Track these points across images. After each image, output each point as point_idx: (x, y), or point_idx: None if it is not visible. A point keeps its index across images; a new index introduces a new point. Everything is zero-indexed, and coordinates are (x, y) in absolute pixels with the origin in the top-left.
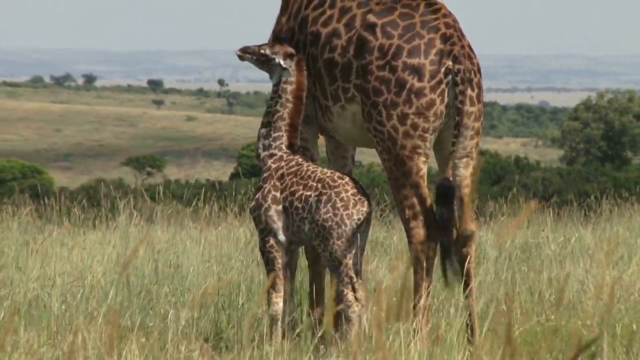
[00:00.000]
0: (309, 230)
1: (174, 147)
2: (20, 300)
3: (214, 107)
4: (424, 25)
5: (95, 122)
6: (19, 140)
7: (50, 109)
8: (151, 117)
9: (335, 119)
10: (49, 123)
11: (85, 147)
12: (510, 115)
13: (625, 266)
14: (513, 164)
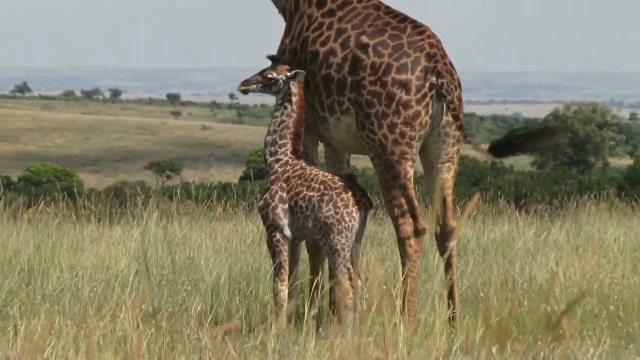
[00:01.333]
0: (312, 227)
1: (190, 153)
2: (54, 289)
3: (226, 117)
4: (410, 45)
5: (121, 131)
6: (53, 147)
7: (80, 120)
8: (170, 126)
9: (331, 129)
10: (80, 132)
11: (111, 153)
12: (487, 125)
13: (589, 258)
14: (489, 168)
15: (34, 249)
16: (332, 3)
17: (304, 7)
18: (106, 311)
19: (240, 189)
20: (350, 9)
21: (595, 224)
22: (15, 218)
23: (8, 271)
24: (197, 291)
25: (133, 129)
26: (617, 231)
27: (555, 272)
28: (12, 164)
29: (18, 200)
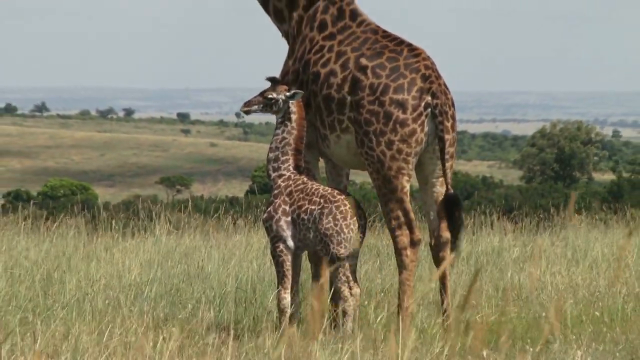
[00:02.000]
0: (313, 238)
1: (199, 168)
2: (71, 296)
3: (232, 135)
4: (407, 67)
5: (134, 148)
6: (70, 163)
7: (96, 137)
8: (180, 143)
9: (332, 145)
10: (95, 149)
11: (125, 169)
12: (478, 142)
13: (574, 267)
14: (481, 182)
15: (52, 259)
16: (332, 27)
17: (306, 30)
18: (119, 317)
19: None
20: (350, 32)
21: (582, 235)
22: (35, 230)
23: (28, 280)
24: (206, 299)
25: (145, 146)
26: (601, 241)
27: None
28: (32, 179)
29: (37, 213)
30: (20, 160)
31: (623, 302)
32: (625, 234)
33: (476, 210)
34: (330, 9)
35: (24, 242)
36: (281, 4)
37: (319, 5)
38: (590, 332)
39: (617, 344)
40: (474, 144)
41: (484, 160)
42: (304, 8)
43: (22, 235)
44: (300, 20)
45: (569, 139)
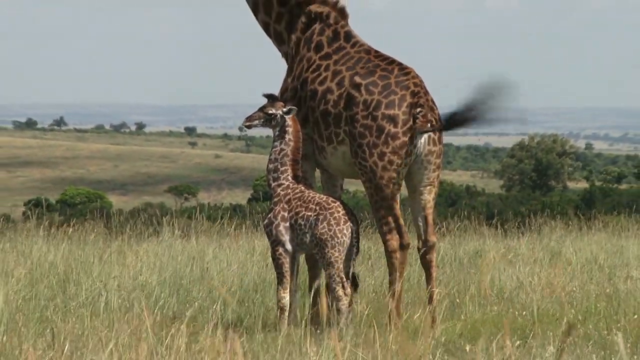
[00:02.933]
0: (309, 242)
1: (205, 178)
2: (87, 296)
3: (236, 147)
4: (397, 84)
5: (145, 159)
6: (86, 173)
7: (110, 150)
8: (187, 155)
9: (329, 156)
10: (109, 160)
11: (136, 178)
12: (462, 154)
13: (550, 268)
14: (464, 191)
15: (69, 262)
16: (328, 47)
17: (304, 51)
18: (132, 315)
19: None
20: (345, 53)
21: (558, 239)
22: (53, 234)
23: (47, 280)
24: (211, 298)
25: (155, 157)
26: (575, 245)
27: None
28: (51, 188)
29: (55, 219)
30: (41, 171)
31: (595, 301)
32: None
33: (460, 216)
34: (326, 31)
35: (44, 246)
36: (281, 27)
37: (315, 28)
38: (566, 329)
39: (589, 339)
40: (458, 155)
41: (468, 171)
42: (302, 30)
43: (42, 240)
44: (298, 41)
45: (546, 151)
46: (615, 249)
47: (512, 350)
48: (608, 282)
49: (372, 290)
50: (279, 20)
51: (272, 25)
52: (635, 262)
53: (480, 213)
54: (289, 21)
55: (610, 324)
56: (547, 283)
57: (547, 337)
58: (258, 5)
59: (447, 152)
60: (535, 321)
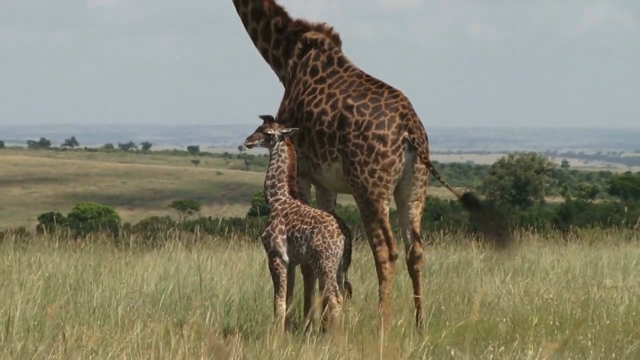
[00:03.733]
0: (305, 253)
1: (207, 193)
2: (96, 304)
3: (236, 165)
4: (387, 106)
5: (151, 176)
6: (96, 189)
7: (118, 167)
8: (191, 172)
9: (323, 173)
10: (118, 177)
11: (143, 194)
12: (446, 171)
13: (530, 278)
14: (449, 205)
15: (80, 272)
16: (323, 72)
17: (300, 75)
18: (139, 322)
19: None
20: (338, 77)
21: (535, 251)
22: (65, 246)
23: (59, 290)
24: (213, 306)
25: (161, 174)
26: (552, 256)
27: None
28: (63, 203)
29: (68, 232)
30: (53, 187)
31: (571, 308)
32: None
33: (445, 229)
34: (321, 57)
35: (57, 257)
36: (278, 53)
37: (311, 54)
38: (544, 334)
39: (567, 344)
40: (442, 172)
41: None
42: (298, 56)
43: (55, 252)
44: (295, 66)
45: (524, 168)
46: (589, 260)
47: (494, 354)
48: (583, 291)
49: (364, 297)
50: (277, 46)
51: (270, 51)
52: (609, 271)
53: (464, 226)
54: (286, 47)
55: (585, 330)
56: (526, 291)
57: (526, 342)
58: (257, 33)
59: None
60: (515, 327)
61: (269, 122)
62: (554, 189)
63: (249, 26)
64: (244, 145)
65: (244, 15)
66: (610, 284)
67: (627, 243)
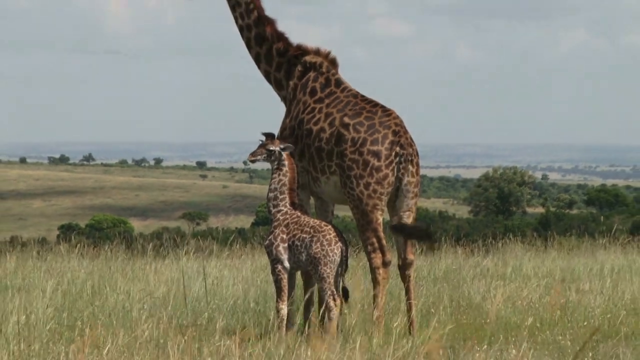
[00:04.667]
0: (305, 260)
1: (214, 205)
2: (112, 307)
3: (241, 179)
4: (381, 124)
5: (162, 189)
6: (111, 201)
7: (132, 181)
8: (199, 186)
9: (322, 185)
10: (131, 190)
11: (155, 206)
12: (435, 184)
13: (513, 283)
14: (437, 216)
15: (97, 278)
16: (321, 92)
17: (300, 95)
18: (151, 323)
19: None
20: (335, 97)
21: (519, 257)
22: (83, 255)
23: (77, 294)
24: (220, 309)
25: (171, 187)
26: (533, 262)
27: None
28: (81, 214)
29: (85, 241)
30: (72, 200)
31: (551, 310)
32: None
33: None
34: (319, 79)
35: (75, 264)
36: (280, 75)
37: (310, 76)
38: (526, 335)
39: (547, 345)
40: (432, 185)
41: (440, 198)
42: (298, 78)
43: (73, 259)
44: (295, 87)
45: (507, 181)
46: (567, 266)
47: (480, 353)
48: (562, 294)
49: (359, 301)
50: (279, 69)
51: (272, 74)
52: (585, 277)
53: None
54: (287, 70)
55: (564, 331)
56: (509, 295)
57: (509, 342)
58: (260, 57)
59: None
60: (499, 328)
61: (271, 139)
62: (534, 200)
63: (252, 50)
64: (247, 160)
65: (247, 40)
66: (587, 288)
67: (602, 250)
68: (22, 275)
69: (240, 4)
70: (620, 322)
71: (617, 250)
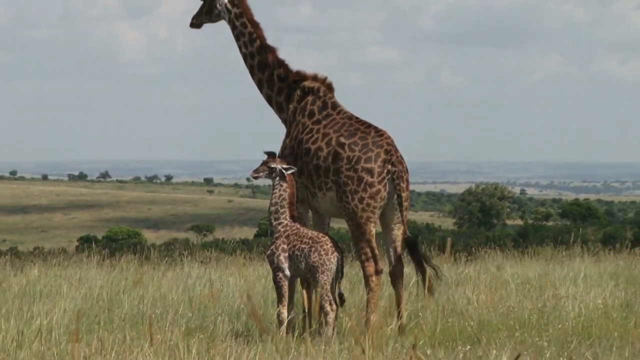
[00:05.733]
0: (304, 268)
1: (220, 218)
2: (127, 311)
3: (244, 194)
4: (374, 144)
5: (172, 203)
6: (126, 215)
7: (144, 196)
8: (206, 200)
9: (319, 200)
10: (144, 204)
11: (166, 219)
12: (423, 198)
13: (494, 289)
14: (424, 228)
15: (113, 285)
16: (319, 115)
17: (299, 117)
18: (163, 326)
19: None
20: (332, 119)
21: (499, 265)
22: (100, 263)
23: (94, 300)
24: (226, 313)
25: (181, 202)
26: (512, 270)
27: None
28: (98, 226)
29: (102, 252)
30: (90, 213)
31: (529, 314)
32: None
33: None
34: (317, 102)
35: (93, 273)
36: (281, 99)
37: (308, 99)
38: (506, 337)
39: (526, 345)
40: (419, 199)
41: (427, 211)
42: (298, 101)
43: (91, 268)
44: (295, 110)
45: (489, 196)
46: (544, 273)
47: (464, 353)
48: (539, 299)
49: (353, 306)
50: (280, 93)
51: (274, 98)
52: (561, 283)
53: (438, 245)
54: (287, 94)
55: (541, 333)
56: (490, 300)
57: (490, 343)
58: (262, 82)
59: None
60: (481, 330)
61: (272, 158)
62: (513, 214)
63: (255, 76)
64: (250, 177)
65: (251, 67)
66: (562, 294)
67: (576, 259)
68: (44, 282)
69: (244, 34)
70: (592, 324)
71: (589, 259)
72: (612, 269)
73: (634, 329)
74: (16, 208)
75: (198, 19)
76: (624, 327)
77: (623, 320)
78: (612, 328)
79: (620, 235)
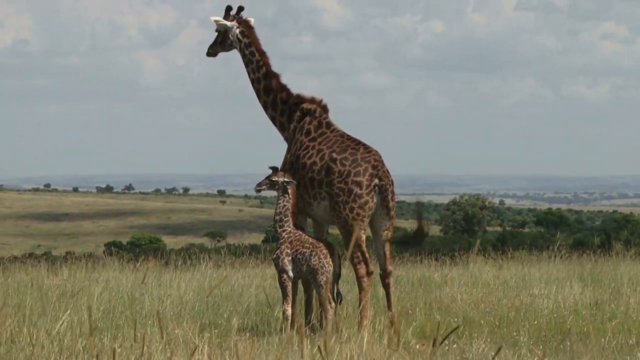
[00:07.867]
0: (305, 270)
1: (232, 226)
2: (148, 309)
3: (253, 204)
4: (362, 159)
5: (189, 213)
6: (148, 222)
7: (164, 206)
8: (220, 210)
9: (315, 209)
10: (164, 213)
11: (184, 227)
12: (412, 208)
13: (476, 289)
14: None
15: (135, 286)
16: (314, 133)
17: (298, 136)
18: (180, 323)
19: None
20: (326, 136)
21: (481, 267)
22: (125, 266)
23: (119, 299)
24: (236, 311)
25: (197, 211)
26: (492, 272)
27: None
28: (123, 233)
29: (126, 256)
30: (116, 221)
31: (508, 311)
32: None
33: (411, 252)
34: (313, 122)
35: (119, 275)
36: (283, 119)
37: (306, 120)
38: (487, 331)
39: (505, 339)
40: (409, 209)
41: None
42: (297, 121)
43: (117, 270)
44: (294, 129)
45: (471, 206)
46: (521, 275)
47: (450, 346)
48: (516, 298)
49: (348, 304)
50: (282, 114)
51: (277, 118)
52: (536, 283)
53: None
54: (289, 115)
55: (518, 328)
56: (473, 299)
57: (473, 337)
58: (267, 104)
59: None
60: (465, 325)
61: (275, 172)
62: (493, 221)
63: (261, 99)
64: (255, 189)
65: (257, 91)
66: (537, 293)
67: (549, 262)
68: (74, 283)
69: (252, 62)
70: (564, 320)
71: (561, 262)
72: (581, 271)
73: (607, 322)
74: (50, 217)
75: (213, 48)
76: (593, 323)
77: (592, 316)
78: (582, 324)
79: (589, 241)
